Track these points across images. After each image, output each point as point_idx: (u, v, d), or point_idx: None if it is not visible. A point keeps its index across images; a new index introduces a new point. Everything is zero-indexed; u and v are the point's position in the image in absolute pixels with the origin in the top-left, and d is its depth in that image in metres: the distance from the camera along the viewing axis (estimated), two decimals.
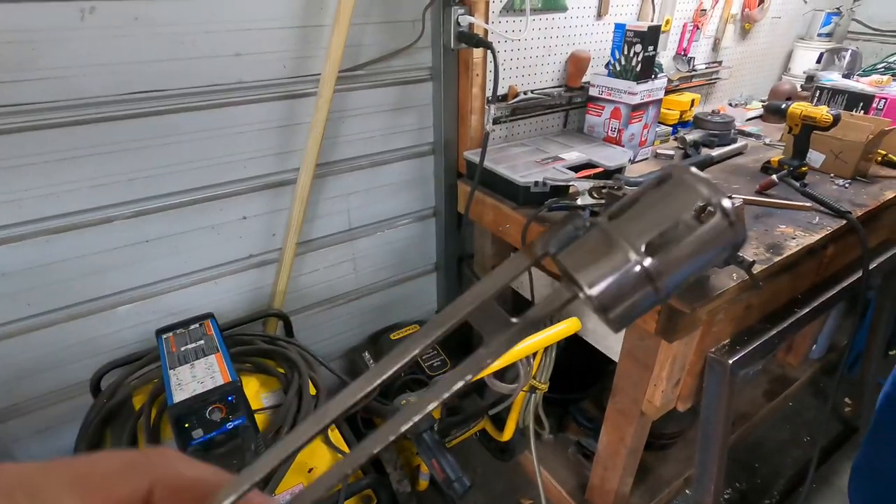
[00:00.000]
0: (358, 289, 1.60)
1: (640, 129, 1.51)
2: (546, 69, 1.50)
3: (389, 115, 1.40)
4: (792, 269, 1.15)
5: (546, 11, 1.40)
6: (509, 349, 0.26)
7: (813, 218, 1.22)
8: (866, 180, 1.43)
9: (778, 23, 2.05)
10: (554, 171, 1.30)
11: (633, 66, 1.40)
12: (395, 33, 1.29)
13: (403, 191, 1.54)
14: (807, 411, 1.88)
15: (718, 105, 2.01)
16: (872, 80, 1.60)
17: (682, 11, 1.70)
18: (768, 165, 1.46)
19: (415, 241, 1.65)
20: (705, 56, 1.88)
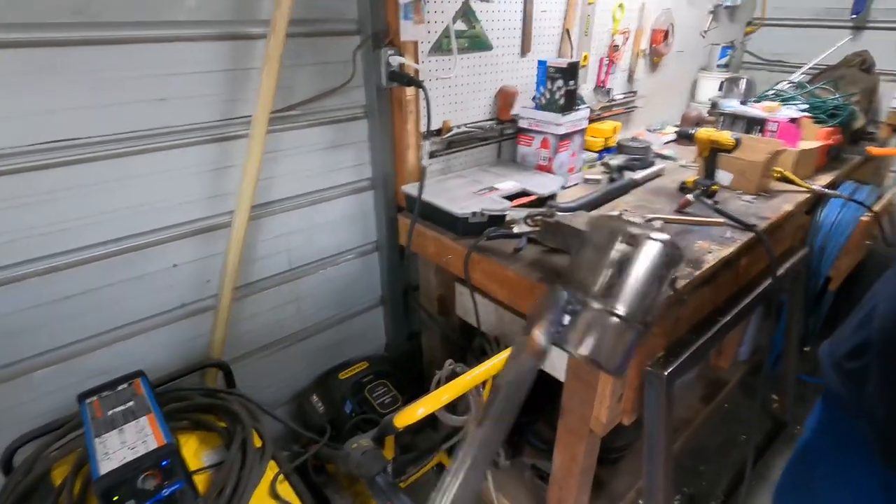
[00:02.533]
0: (303, 329, 1.56)
1: (568, 157, 1.59)
2: (477, 104, 1.56)
3: (326, 153, 1.40)
4: (712, 281, 1.25)
5: (473, 51, 1.47)
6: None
7: (725, 232, 1.33)
8: (768, 195, 1.58)
9: (682, 56, 2.26)
10: (490, 201, 1.35)
11: (556, 99, 1.49)
12: (328, 74, 1.31)
13: (345, 227, 1.54)
14: (741, 411, 2.01)
15: (637, 131, 2.16)
16: (765, 106, 1.79)
17: (598, 48, 1.84)
18: (684, 186, 1.58)
19: (359, 276, 1.63)
20: (622, 87, 2.03)
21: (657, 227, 0.93)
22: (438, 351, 1.64)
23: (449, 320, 1.60)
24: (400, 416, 0.95)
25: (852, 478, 0.94)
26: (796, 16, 2.48)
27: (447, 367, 1.14)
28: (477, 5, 1.41)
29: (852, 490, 0.96)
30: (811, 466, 1.08)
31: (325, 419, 1.40)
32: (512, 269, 1.17)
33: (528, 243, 1.25)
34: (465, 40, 1.43)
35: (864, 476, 0.90)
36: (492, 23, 1.48)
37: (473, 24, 1.42)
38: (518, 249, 1.24)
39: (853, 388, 0.88)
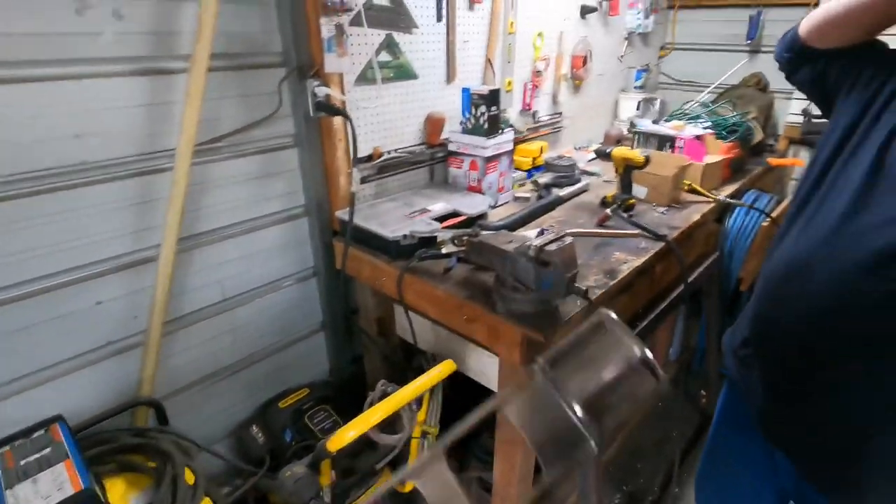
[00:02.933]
0: (240, 360, 1.54)
1: (496, 178, 1.68)
2: (406, 129, 1.62)
3: (257, 183, 1.41)
4: (629, 289, 1.35)
5: (399, 80, 1.53)
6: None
7: (640, 243, 1.44)
8: (680, 206, 1.72)
9: (602, 79, 2.43)
10: (421, 223, 1.40)
11: (481, 123, 1.58)
12: (255, 105, 1.33)
13: (280, 254, 1.54)
14: (674, 408, 2.13)
15: (564, 149, 2.29)
16: (674, 125, 1.95)
17: (521, 74, 1.95)
18: (605, 200, 1.70)
19: (297, 302, 1.63)
20: (547, 109, 2.16)
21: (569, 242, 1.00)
22: (380, 372, 1.65)
23: (389, 341, 1.63)
24: (332, 440, 0.97)
25: (748, 452, 1.05)
26: (701, 41, 2.72)
27: (379, 388, 1.17)
28: (400, 38, 1.48)
29: (748, 463, 1.06)
30: (719, 447, 1.19)
31: (265, 450, 1.38)
32: (441, 289, 1.22)
33: (458, 262, 1.31)
34: (391, 70, 1.49)
35: (756, 450, 1.01)
36: (416, 53, 1.55)
37: (398, 55, 1.49)
38: (448, 269, 1.29)
39: (745, 373, 0.99)
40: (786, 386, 0.90)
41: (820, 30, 0.94)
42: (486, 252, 1.15)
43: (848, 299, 0.77)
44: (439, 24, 1.58)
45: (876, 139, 0.82)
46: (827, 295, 0.80)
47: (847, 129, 0.88)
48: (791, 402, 0.90)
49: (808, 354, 0.84)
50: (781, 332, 0.89)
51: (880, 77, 0.87)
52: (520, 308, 1.09)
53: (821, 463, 0.89)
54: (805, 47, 0.97)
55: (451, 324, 1.24)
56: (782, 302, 0.89)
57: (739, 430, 1.07)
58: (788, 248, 0.90)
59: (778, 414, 0.93)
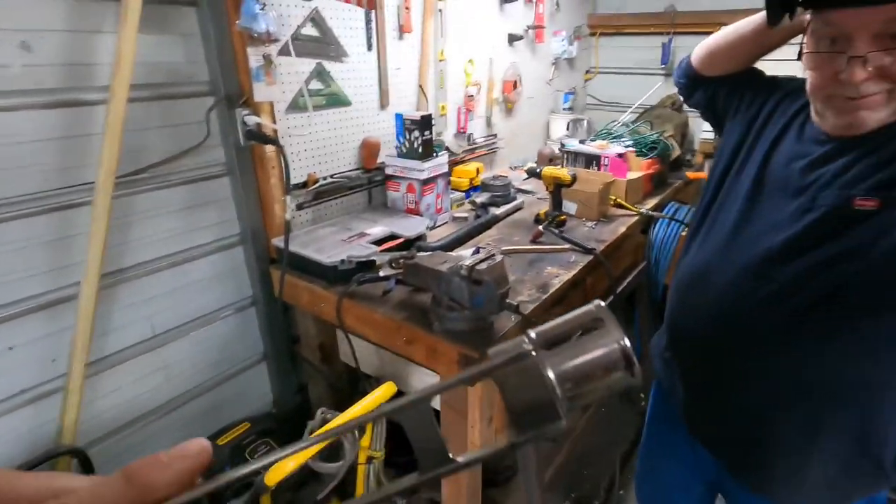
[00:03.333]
0: (175, 398, 1.47)
1: (434, 199, 1.72)
2: (342, 155, 1.64)
3: (187, 213, 1.38)
4: (561, 301, 1.41)
5: (332, 107, 1.55)
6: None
7: (571, 257, 1.52)
8: (607, 220, 1.83)
9: (533, 101, 2.56)
10: (359, 247, 1.41)
11: (415, 147, 1.62)
12: (181, 135, 1.31)
13: (216, 285, 1.50)
14: (617, 413, 2.22)
15: (501, 169, 2.38)
16: (599, 144, 2.08)
17: (454, 98, 2.02)
18: (538, 217, 1.78)
19: (236, 333, 1.59)
20: (482, 131, 2.24)
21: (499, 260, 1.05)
22: (326, 400, 1.63)
23: (334, 368, 1.61)
24: (269, 473, 0.95)
25: (676, 448, 1.12)
26: (622, 65, 2.93)
27: (318, 416, 1.16)
28: (331, 66, 1.50)
29: (677, 459, 1.13)
30: (652, 446, 1.25)
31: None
32: (380, 312, 1.23)
33: (396, 284, 1.33)
34: (323, 98, 1.51)
35: (683, 445, 1.08)
36: (348, 81, 1.58)
37: (329, 83, 1.51)
38: (387, 291, 1.30)
39: (668, 373, 1.06)
40: (698, 384, 0.98)
41: (707, 59, 1.06)
42: (421, 273, 1.18)
43: (739, 302, 0.85)
44: (370, 53, 1.62)
45: (757, 156, 0.92)
46: (722, 299, 0.88)
47: (735, 148, 0.98)
48: (705, 398, 0.97)
49: (712, 354, 0.92)
50: (690, 335, 0.97)
51: (759, 100, 0.99)
52: (456, 326, 1.12)
53: (735, 452, 0.96)
54: (697, 74, 1.09)
55: (391, 346, 1.25)
56: (688, 308, 0.97)
57: (668, 427, 1.14)
58: (691, 259, 0.99)
59: (696, 410, 1.00)
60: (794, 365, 0.82)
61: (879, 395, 0.78)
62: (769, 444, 0.88)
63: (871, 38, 0.69)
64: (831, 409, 0.81)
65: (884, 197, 0.73)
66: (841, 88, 0.74)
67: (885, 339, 0.75)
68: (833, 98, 0.77)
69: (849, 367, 0.78)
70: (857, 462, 0.83)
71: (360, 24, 1.56)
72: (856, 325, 0.76)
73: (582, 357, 0.31)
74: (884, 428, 0.80)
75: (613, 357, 0.31)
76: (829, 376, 0.80)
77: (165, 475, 0.25)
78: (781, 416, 0.86)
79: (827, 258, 0.77)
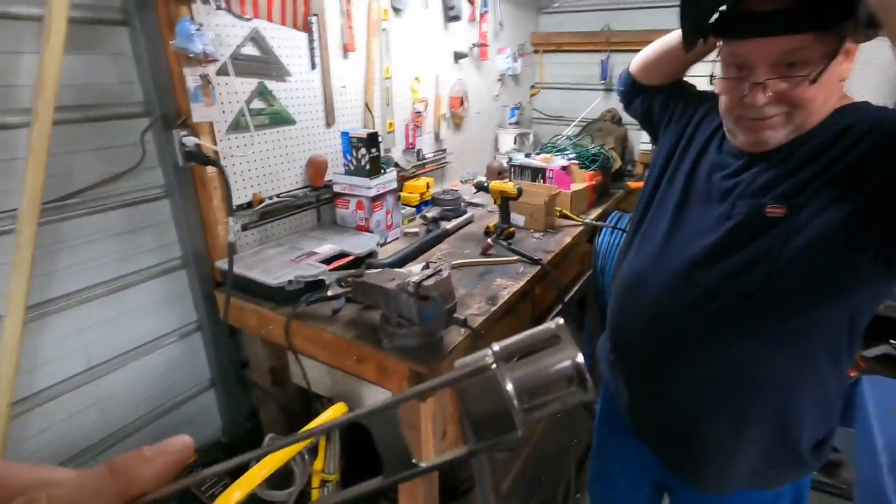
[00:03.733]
0: (114, 433, 1.39)
1: (384, 216, 1.72)
2: (288, 174, 1.62)
3: (124, 238, 1.33)
4: (512, 312, 1.44)
5: (276, 126, 1.54)
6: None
7: (519, 268, 1.56)
8: (554, 231, 1.89)
9: (480, 116, 2.62)
10: (307, 267, 1.39)
11: (363, 165, 1.62)
12: (115, 157, 1.26)
13: (158, 311, 1.44)
14: (572, 418, 2.28)
15: (452, 183, 2.42)
16: (543, 157, 2.16)
17: (402, 115, 2.05)
18: (487, 230, 1.81)
19: (181, 360, 1.53)
20: (431, 146, 2.27)
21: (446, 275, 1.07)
22: (279, 424, 1.59)
23: (286, 391, 1.57)
24: None
25: (623, 449, 1.16)
26: (564, 81, 3.05)
27: (266, 442, 1.13)
28: (273, 85, 1.49)
29: (624, 457, 1.18)
30: (602, 447, 1.30)
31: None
32: (329, 331, 1.22)
33: (346, 303, 1.32)
34: (266, 117, 1.49)
35: (629, 446, 1.12)
36: (292, 100, 1.57)
37: (272, 102, 1.50)
38: (336, 311, 1.30)
39: (613, 375, 1.11)
40: (638, 385, 1.03)
41: (643, 68, 1.14)
42: (370, 291, 1.18)
43: (669, 305, 0.91)
44: (314, 72, 1.62)
45: (686, 166, 0.99)
46: (655, 303, 0.93)
47: (667, 157, 1.05)
48: (643, 399, 1.02)
49: (648, 355, 0.97)
50: (628, 339, 1.02)
51: (689, 112, 1.06)
52: (405, 343, 1.13)
53: (671, 449, 1.01)
54: (635, 82, 1.17)
55: (341, 365, 1.24)
56: (626, 312, 1.02)
57: (615, 428, 1.19)
58: (628, 265, 1.04)
59: (637, 410, 1.05)
60: (719, 362, 0.87)
61: (794, 388, 0.85)
62: (700, 439, 0.93)
63: (770, 67, 0.76)
64: (752, 402, 0.87)
65: (790, 204, 0.80)
66: (747, 110, 0.81)
67: (796, 336, 0.82)
68: (741, 119, 0.84)
69: (766, 362, 0.84)
70: (778, 451, 0.89)
71: (302, 44, 1.56)
72: (770, 323, 0.82)
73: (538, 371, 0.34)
74: (799, 418, 0.86)
75: (567, 373, 0.33)
76: (749, 372, 0.86)
77: (149, 469, 0.26)
78: (710, 412, 0.91)
79: (744, 262, 0.83)
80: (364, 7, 1.74)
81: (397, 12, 1.91)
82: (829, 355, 0.83)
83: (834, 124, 0.79)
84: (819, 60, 0.74)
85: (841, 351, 0.83)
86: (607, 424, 1.26)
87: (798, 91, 0.76)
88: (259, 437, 1.65)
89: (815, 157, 0.79)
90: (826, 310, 0.79)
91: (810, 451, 0.89)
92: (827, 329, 0.80)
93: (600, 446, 1.32)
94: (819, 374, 0.84)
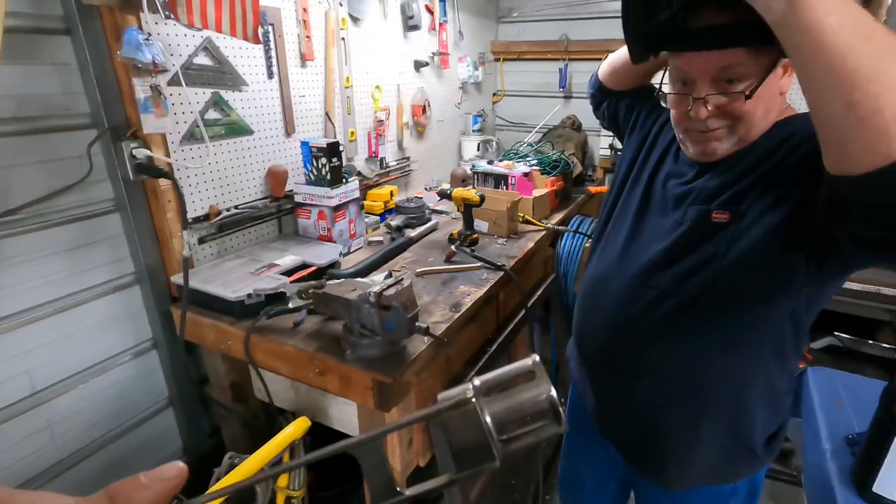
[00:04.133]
0: (66, 458, 1.33)
1: (346, 225, 1.71)
2: (247, 185, 1.59)
3: (73, 254, 1.27)
4: (476, 318, 1.46)
5: (233, 136, 1.51)
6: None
7: (483, 274, 1.57)
8: (517, 236, 1.92)
9: (443, 124, 2.64)
10: (268, 279, 1.37)
11: (324, 175, 1.61)
12: (60, 171, 1.21)
13: (111, 329, 1.39)
14: None
15: (417, 190, 2.43)
16: (506, 164, 2.19)
17: (363, 124, 2.04)
18: (451, 237, 1.83)
19: (136, 380, 1.47)
20: (394, 155, 2.27)
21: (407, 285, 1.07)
22: (241, 441, 1.55)
23: (248, 406, 1.54)
24: None
25: (589, 446, 1.19)
26: (525, 88, 3.11)
27: (225, 462, 1.10)
28: (229, 95, 1.47)
29: (591, 456, 1.21)
30: (571, 448, 1.32)
31: None
32: (290, 345, 1.20)
33: (308, 315, 1.31)
34: (222, 127, 1.47)
35: (596, 446, 1.15)
36: (249, 109, 1.55)
37: (228, 112, 1.47)
38: (298, 323, 1.28)
39: (580, 376, 1.14)
40: (602, 385, 1.06)
41: (609, 73, 1.18)
42: (331, 302, 1.17)
43: (627, 308, 0.94)
44: (271, 81, 1.60)
45: (646, 174, 1.03)
46: (613, 307, 0.97)
47: (630, 162, 1.09)
48: (607, 398, 1.05)
49: (610, 356, 1.00)
50: (591, 340, 1.05)
51: (651, 118, 1.10)
52: (368, 353, 1.12)
53: (634, 447, 1.05)
54: (603, 87, 1.21)
55: (304, 378, 1.22)
56: (589, 315, 1.05)
57: (582, 429, 1.21)
58: (592, 269, 1.07)
59: (602, 410, 1.08)
60: (671, 363, 0.91)
61: (743, 386, 0.88)
62: (660, 437, 0.96)
63: (710, 83, 0.80)
64: (705, 401, 0.91)
65: (733, 211, 0.84)
66: (692, 123, 0.85)
67: (742, 336, 0.86)
68: (689, 131, 0.88)
69: (715, 362, 0.88)
70: (733, 448, 0.93)
71: (258, 53, 1.54)
72: (715, 324, 0.86)
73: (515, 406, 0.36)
74: (750, 415, 0.90)
75: (542, 407, 0.36)
76: (700, 372, 0.89)
77: (145, 495, 0.28)
78: (667, 411, 0.94)
79: (693, 265, 0.87)
80: (321, 17, 1.74)
81: (356, 21, 1.91)
82: (774, 354, 0.87)
83: (775, 135, 0.83)
84: (756, 75, 0.77)
85: (787, 349, 0.87)
86: (576, 425, 1.29)
87: (736, 105, 0.80)
88: (222, 456, 1.61)
89: (756, 167, 0.83)
90: (768, 310, 0.83)
91: (763, 446, 0.93)
92: (771, 328, 0.84)
93: (568, 448, 1.34)
94: (766, 372, 0.88)
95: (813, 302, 0.83)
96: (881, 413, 1.05)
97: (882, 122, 0.55)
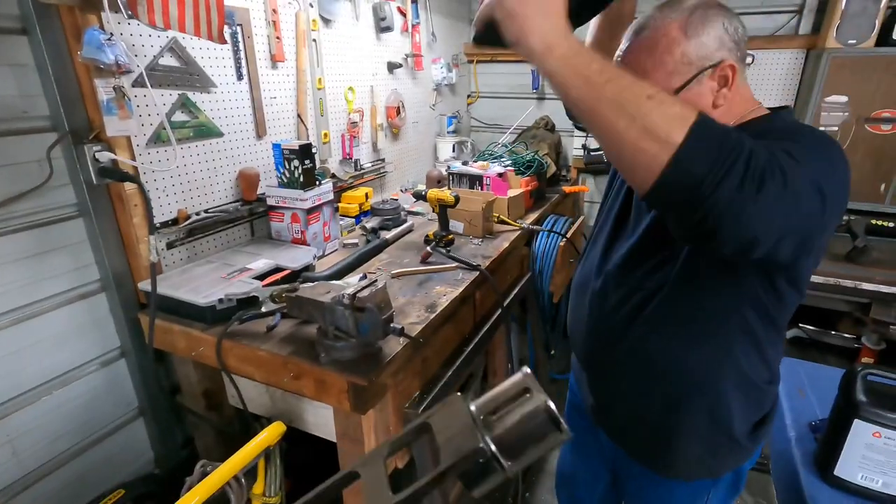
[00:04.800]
0: (29, 474, 1.28)
1: (320, 228, 1.70)
2: (217, 188, 1.56)
3: (30, 262, 1.23)
4: (452, 318, 1.46)
5: (201, 138, 1.48)
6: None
7: (458, 275, 1.58)
8: (493, 236, 1.93)
9: (417, 126, 2.64)
10: (240, 283, 1.34)
11: (296, 177, 1.59)
12: (17, 176, 1.17)
13: (76, 338, 1.34)
14: None
15: (392, 192, 2.42)
16: (480, 164, 2.21)
17: (337, 126, 2.03)
18: (427, 238, 1.83)
19: (103, 390, 1.43)
20: (369, 156, 2.26)
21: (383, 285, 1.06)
22: (215, 450, 1.52)
23: (222, 414, 1.51)
24: None
25: (584, 438, 1.23)
26: (499, 90, 3.14)
27: (197, 470, 1.08)
28: (197, 97, 1.44)
29: (584, 447, 1.26)
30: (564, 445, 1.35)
31: None
32: (263, 349, 1.18)
33: (281, 319, 1.29)
34: (190, 130, 1.43)
35: (589, 436, 1.20)
36: (218, 111, 1.52)
37: (196, 114, 1.44)
38: (271, 328, 1.26)
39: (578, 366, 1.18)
40: (591, 377, 1.10)
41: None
42: (305, 305, 1.16)
43: (603, 304, 0.99)
44: (241, 83, 1.57)
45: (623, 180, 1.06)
46: (594, 304, 1.02)
47: (615, 171, 1.12)
48: (596, 388, 1.10)
49: (593, 350, 1.05)
50: (578, 336, 1.10)
51: None
52: (343, 356, 1.12)
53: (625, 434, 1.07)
54: None
55: (278, 383, 1.20)
56: (575, 313, 1.11)
57: (577, 417, 1.24)
58: (579, 270, 1.14)
59: (593, 400, 1.11)
60: (645, 353, 0.94)
61: (716, 377, 0.91)
62: (644, 426, 1.00)
63: None
64: (681, 389, 0.93)
65: None
66: None
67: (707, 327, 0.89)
68: None
69: (688, 352, 0.91)
70: (715, 438, 0.95)
71: (226, 54, 1.51)
72: (679, 315, 0.89)
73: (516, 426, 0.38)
74: (726, 405, 0.92)
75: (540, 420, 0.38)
76: (676, 362, 0.92)
77: None
78: (645, 399, 0.98)
79: (656, 263, 0.91)
80: (292, 18, 1.72)
81: (327, 23, 1.90)
82: (745, 345, 0.89)
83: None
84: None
85: (760, 341, 0.89)
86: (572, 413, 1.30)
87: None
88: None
89: None
90: (725, 300, 0.85)
91: (747, 435, 0.96)
92: (735, 318, 0.87)
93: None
94: (737, 363, 0.90)
95: (782, 294, 0.84)
96: (840, 399, 1.09)
97: (630, 153, 0.64)
